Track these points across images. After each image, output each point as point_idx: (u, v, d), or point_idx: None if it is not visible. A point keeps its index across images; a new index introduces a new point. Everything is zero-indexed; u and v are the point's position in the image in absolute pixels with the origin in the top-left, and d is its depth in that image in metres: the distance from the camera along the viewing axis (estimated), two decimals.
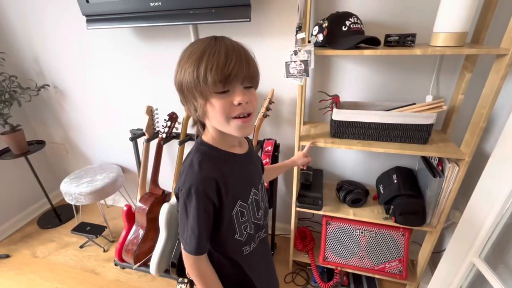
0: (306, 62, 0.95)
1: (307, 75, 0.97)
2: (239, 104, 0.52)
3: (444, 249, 1.33)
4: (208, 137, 0.60)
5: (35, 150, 1.76)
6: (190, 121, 0.64)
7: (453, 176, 1.02)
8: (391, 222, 1.20)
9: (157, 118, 1.49)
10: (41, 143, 1.85)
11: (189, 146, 1.43)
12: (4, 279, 1.56)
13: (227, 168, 0.58)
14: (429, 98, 1.14)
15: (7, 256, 1.70)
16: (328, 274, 1.48)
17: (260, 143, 1.32)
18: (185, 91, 0.52)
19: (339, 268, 1.39)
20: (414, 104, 1.07)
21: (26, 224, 1.98)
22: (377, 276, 1.38)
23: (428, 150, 1.03)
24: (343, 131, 1.13)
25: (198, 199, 0.53)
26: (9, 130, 1.66)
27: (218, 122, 0.54)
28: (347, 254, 1.38)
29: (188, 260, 0.60)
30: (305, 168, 1.11)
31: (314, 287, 1.46)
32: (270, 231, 1.61)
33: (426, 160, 1.20)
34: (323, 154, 1.47)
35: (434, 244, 1.20)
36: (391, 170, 1.32)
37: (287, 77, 1.00)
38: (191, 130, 1.44)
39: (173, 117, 1.40)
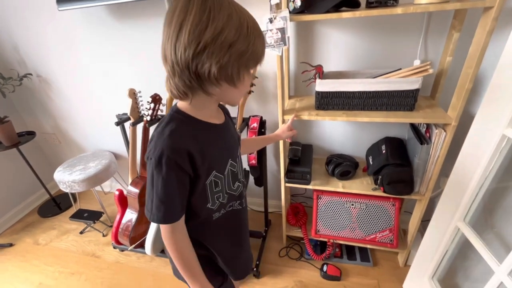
0: (282, 30, 0.91)
1: (285, 44, 0.93)
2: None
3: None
4: (185, 106, 0.56)
5: (26, 141, 1.76)
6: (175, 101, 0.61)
7: (440, 142, 1.00)
8: (380, 193, 1.20)
9: (141, 101, 1.46)
10: (31, 134, 1.84)
11: None
12: (9, 266, 1.61)
13: (204, 138, 0.56)
14: (416, 63, 1.09)
15: (11, 245, 1.76)
16: (321, 247, 1.51)
17: (246, 121, 1.30)
18: (232, 55, 0.47)
19: (331, 240, 1.41)
20: (400, 69, 1.03)
21: (27, 214, 2.03)
22: (368, 246, 1.40)
23: (414, 117, 1.00)
24: (328, 102, 1.09)
25: (168, 169, 0.51)
26: None
27: (237, 96, 0.56)
28: (338, 226, 1.39)
29: (163, 232, 0.58)
30: (290, 140, 1.09)
31: (308, 259, 1.49)
32: (263, 209, 1.62)
33: (414, 128, 1.17)
34: (312, 129, 1.44)
35: (423, 212, 1.20)
36: (380, 141, 1.30)
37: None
38: None
39: (156, 99, 1.37)
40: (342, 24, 1.13)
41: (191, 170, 0.54)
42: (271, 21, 0.90)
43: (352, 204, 1.34)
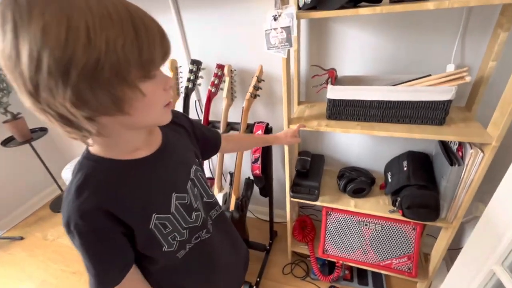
0: (288, 29, 0.79)
1: (290, 46, 0.81)
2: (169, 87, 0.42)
3: (463, 247, 1.16)
4: (97, 147, 0.44)
5: (38, 137, 1.79)
6: (179, 103, 0.47)
7: (475, 164, 0.83)
8: (398, 216, 1.04)
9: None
10: (43, 130, 1.87)
11: None
12: (18, 259, 1.65)
13: (127, 182, 0.45)
14: (450, 68, 0.92)
15: (21, 238, 1.80)
16: (329, 266, 1.38)
17: (250, 127, 1.19)
18: (96, 75, 0.33)
19: (340, 262, 1.28)
20: (429, 75, 0.87)
21: (39, 208, 2.08)
22: (383, 272, 1.25)
23: (444, 133, 0.84)
24: (340, 111, 0.96)
25: (82, 238, 0.42)
26: (10, 118, 1.68)
27: (148, 117, 0.41)
28: (349, 247, 1.25)
29: None
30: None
31: (314, 279, 1.37)
32: (268, 218, 1.52)
33: (444, 144, 1.00)
34: (324, 138, 1.30)
35: (450, 241, 1.03)
36: (402, 155, 1.13)
37: (268, 49, 0.85)
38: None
39: None
40: (360, 21, 0.98)
41: (117, 227, 0.44)
42: (275, 18, 0.78)
43: (366, 225, 1.20)
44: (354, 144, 1.27)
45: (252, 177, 1.32)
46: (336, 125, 0.95)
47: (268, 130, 1.19)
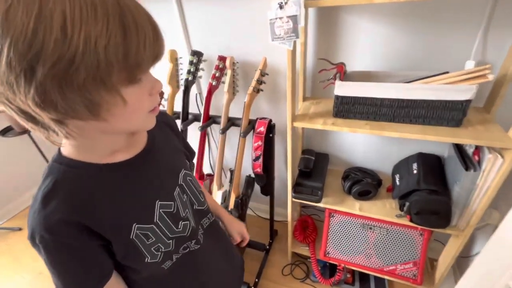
0: (294, 19, 0.72)
1: (297, 36, 0.75)
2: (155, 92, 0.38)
3: (474, 255, 1.10)
4: (69, 148, 0.39)
5: None
6: (179, 96, 0.41)
7: (493, 170, 0.77)
8: (405, 221, 0.99)
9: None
10: None
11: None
12: (16, 250, 1.64)
13: (100, 190, 0.39)
14: (470, 65, 0.85)
15: (20, 229, 1.79)
16: (330, 269, 1.33)
17: (252, 123, 1.14)
18: (68, 75, 0.27)
19: (342, 265, 1.23)
20: (447, 72, 0.80)
21: None
22: (386, 278, 1.20)
23: (461, 136, 0.77)
24: (348, 109, 0.89)
25: (48, 253, 0.37)
26: None
27: (128, 124, 0.37)
28: (352, 251, 1.21)
29: None
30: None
31: (314, 281, 1.33)
32: (268, 216, 1.47)
33: (458, 146, 0.93)
34: (329, 136, 1.24)
35: (460, 249, 0.97)
36: (412, 157, 1.07)
37: (272, 40, 0.78)
38: (178, 107, 1.30)
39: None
40: (373, 11, 0.91)
41: (90, 240, 0.39)
42: (281, 6, 0.72)
43: (370, 228, 1.14)
44: (360, 143, 1.20)
45: (253, 175, 1.27)
46: (343, 124, 0.89)
47: (271, 126, 1.13)
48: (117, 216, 0.41)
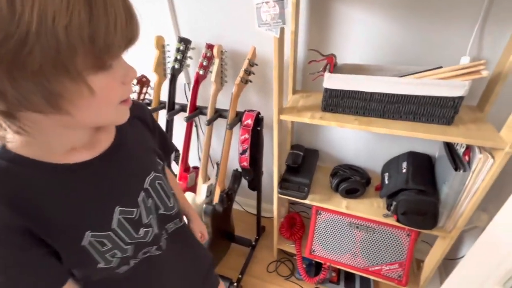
0: (281, 3, 0.68)
1: (283, 23, 0.70)
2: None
3: (460, 257, 1.08)
4: (16, 143, 0.33)
5: None
6: (165, 85, 0.37)
7: (483, 171, 0.74)
8: (392, 221, 0.96)
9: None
10: None
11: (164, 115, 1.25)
12: None
13: (50, 193, 0.35)
14: (465, 61, 0.81)
15: None
16: (316, 267, 1.31)
17: (239, 115, 1.10)
18: (20, 60, 0.23)
19: (327, 264, 1.21)
20: (440, 67, 0.76)
21: None
22: (371, 278, 1.18)
23: (452, 134, 0.74)
24: (337, 103, 0.86)
25: None
26: None
27: (96, 117, 0.33)
28: (338, 250, 1.18)
29: None
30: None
31: (299, 279, 1.30)
32: (255, 212, 1.44)
33: (449, 146, 0.91)
34: (319, 131, 1.21)
35: (446, 251, 0.95)
36: (402, 156, 1.04)
37: (258, 26, 0.74)
38: (165, 97, 1.26)
39: (142, 81, 1.21)
40: (367, 2, 0.87)
41: (36, 247, 0.34)
42: None
43: (357, 227, 1.12)
44: (351, 140, 1.17)
45: (240, 169, 1.24)
46: (332, 118, 0.85)
47: (258, 119, 1.09)
48: (68, 223, 0.36)
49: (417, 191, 0.87)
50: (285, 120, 1.14)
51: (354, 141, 1.17)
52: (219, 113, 1.15)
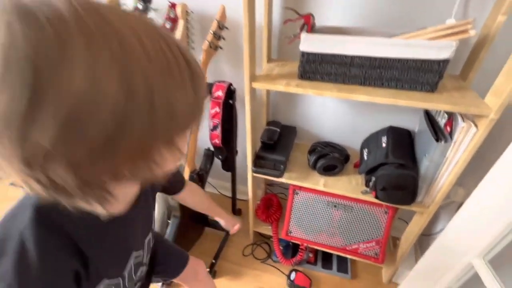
0: None
1: None
2: None
3: (435, 233, 1.08)
4: None
5: None
6: None
7: (465, 140, 0.70)
8: (371, 198, 0.92)
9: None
10: None
11: None
12: None
13: (93, 239, 0.35)
14: (450, 22, 0.75)
15: None
16: (293, 248, 1.27)
17: (209, 87, 0.98)
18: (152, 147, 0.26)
19: (304, 244, 1.16)
20: (425, 28, 0.70)
21: None
22: (348, 257, 1.15)
23: (435, 101, 0.69)
24: (315, 69, 0.77)
25: None
26: None
27: (155, 177, 0.32)
28: (315, 230, 1.14)
29: None
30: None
31: (275, 262, 1.26)
32: (230, 195, 1.36)
33: (430, 118, 0.86)
34: (296, 106, 1.13)
35: (423, 227, 0.93)
36: (382, 130, 0.99)
37: None
38: None
39: None
40: None
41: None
42: None
43: (335, 206, 1.07)
44: (330, 116, 1.11)
45: (212, 148, 1.14)
46: (309, 86, 0.77)
47: (231, 91, 0.99)
48: (99, 266, 0.36)
49: (397, 165, 0.83)
50: (260, 94, 1.05)
51: (334, 117, 1.11)
52: None
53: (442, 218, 1.08)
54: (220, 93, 0.97)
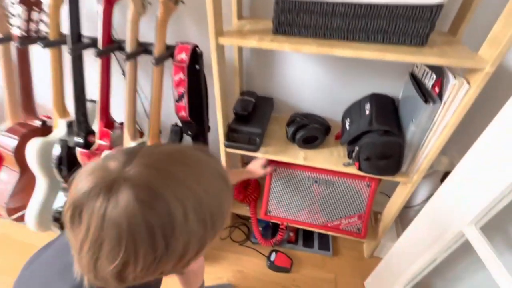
0: None
1: None
2: None
3: (416, 204, 1.05)
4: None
5: None
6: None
7: (456, 100, 0.63)
8: (353, 170, 0.85)
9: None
10: None
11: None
12: None
13: None
14: None
15: None
16: (273, 228, 1.20)
17: (171, 49, 0.84)
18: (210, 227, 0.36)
19: (285, 224, 1.10)
20: None
21: None
22: (330, 233, 1.11)
23: (426, 54, 0.61)
24: (292, 21, 0.66)
25: None
26: None
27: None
28: (295, 207, 1.07)
29: None
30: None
31: (255, 243, 1.19)
32: None
33: (417, 80, 0.79)
34: (273, 74, 1.02)
35: (406, 198, 0.89)
36: (365, 98, 0.91)
37: None
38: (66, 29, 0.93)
39: (29, 2, 0.86)
40: None
41: None
42: None
43: (316, 181, 1.00)
44: (310, 85, 1.01)
45: (180, 123, 1.01)
46: (285, 41, 0.66)
47: (196, 54, 0.86)
48: None
49: (381, 132, 0.76)
50: (231, 59, 0.93)
51: (313, 87, 1.01)
52: (144, 48, 0.88)
53: (422, 189, 1.05)
54: (183, 56, 0.83)
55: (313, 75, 0.98)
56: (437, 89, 0.69)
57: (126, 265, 0.29)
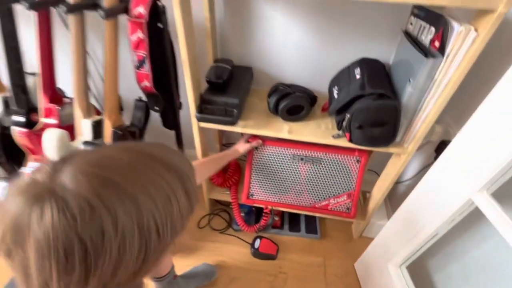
0: None
1: None
2: None
3: (407, 179, 0.99)
4: None
5: None
6: None
7: (462, 51, 0.55)
8: (343, 142, 0.76)
9: None
10: None
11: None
12: None
13: None
14: None
15: None
16: (257, 213, 1.11)
17: (125, 3, 0.69)
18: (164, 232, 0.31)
19: (269, 207, 1.00)
20: None
21: None
22: (317, 215, 1.03)
23: None
24: None
25: None
26: None
27: None
28: (280, 189, 0.97)
29: None
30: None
31: (237, 231, 1.09)
32: None
33: (412, 39, 0.70)
34: (252, 41, 0.90)
35: (400, 171, 0.82)
36: (353, 64, 0.82)
37: None
38: None
39: None
40: None
41: None
42: None
43: (302, 159, 0.91)
44: (293, 54, 0.90)
45: (144, 97, 0.87)
46: None
47: (158, 9, 0.71)
48: None
49: (375, 96, 0.67)
50: (202, 19, 0.79)
51: (296, 55, 0.90)
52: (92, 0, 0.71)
53: (413, 162, 1.00)
54: (141, 10, 0.68)
55: (296, 41, 0.87)
56: (437, 44, 0.61)
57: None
